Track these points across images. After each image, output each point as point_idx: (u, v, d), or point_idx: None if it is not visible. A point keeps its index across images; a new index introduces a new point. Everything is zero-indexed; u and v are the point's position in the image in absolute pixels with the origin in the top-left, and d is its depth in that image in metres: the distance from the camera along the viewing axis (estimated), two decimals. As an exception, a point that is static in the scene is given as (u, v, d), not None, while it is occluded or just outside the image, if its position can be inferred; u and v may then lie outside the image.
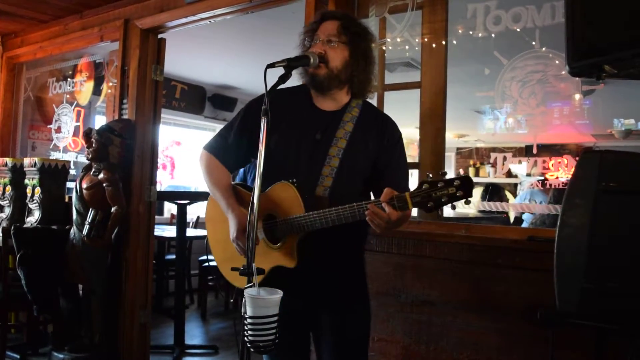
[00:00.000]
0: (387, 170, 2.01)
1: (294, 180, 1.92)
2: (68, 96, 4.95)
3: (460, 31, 2.96)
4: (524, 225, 5.72)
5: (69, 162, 4.68)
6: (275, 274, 1.94)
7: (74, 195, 3.98)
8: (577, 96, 2.65)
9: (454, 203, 1.61)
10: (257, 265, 1.92)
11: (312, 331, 2.14)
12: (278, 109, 2.03)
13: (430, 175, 1.64)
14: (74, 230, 3.95)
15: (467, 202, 1.60)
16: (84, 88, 4.77)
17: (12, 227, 3.98)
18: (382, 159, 2.01)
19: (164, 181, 7.62)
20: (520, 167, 3.22)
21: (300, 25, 3.08)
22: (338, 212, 1.78)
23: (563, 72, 2.56)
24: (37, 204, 4.36)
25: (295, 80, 2.01)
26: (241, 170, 4.33)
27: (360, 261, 2.16)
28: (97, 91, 4.72)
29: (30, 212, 4.44)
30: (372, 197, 2.02)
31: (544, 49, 2.65)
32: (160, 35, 4.29)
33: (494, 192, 6.54)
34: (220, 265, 2.17)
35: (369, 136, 2.02)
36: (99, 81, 4.69)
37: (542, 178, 2.99)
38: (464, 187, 1.59)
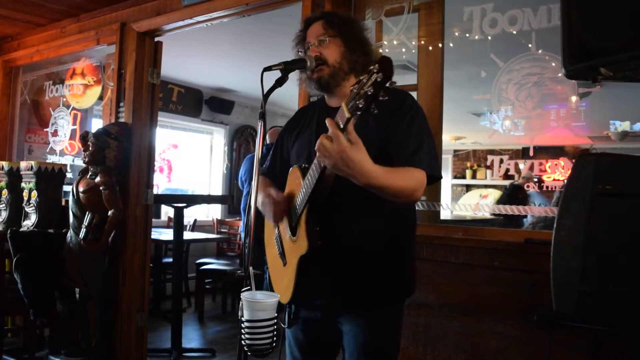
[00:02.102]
0: (393, 141, 1.86)
1: (303, 164, 1.91)
2: (65, 99, 4.95)
3: (456, 34, 2.97)
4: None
5: (65, 165, 4.68)
6: (306, 272, 1.86)
7: (70, 198, 3.97)
8: (574, 98, 2.65)
9: (380, 89, 1.48)
10: (289, 266, 1.93)
11: (340, 344, 2.05)
12: (298, 123, 2.16)
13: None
14: (70, 233, 3.95)
15: (391, 82, 1.47)
16: (90, 92, 4.73)
17: (9, 231, 3.96)
18: (390, 132, 1.88)
19: (161, 184, 7.61)
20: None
21: (297, 28, 3.09)
22: (314, 162, 1.72)
23: (559, 75, 2.56)
24: (33, 208, 4.35)
25: (291, 82, 2.02)
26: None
27: (398, 258, 1.98)
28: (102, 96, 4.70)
29: (26, 215, 4.44)
30: None
31: (540, 51, 2.65)
32: (157, 39, 4.28)
33: (517, 193, 6.51)
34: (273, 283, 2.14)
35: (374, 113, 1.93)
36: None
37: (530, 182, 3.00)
38: (383, 68, 1.46)
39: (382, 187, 1.70)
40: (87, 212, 3.87)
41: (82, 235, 3.81)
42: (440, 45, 2.96)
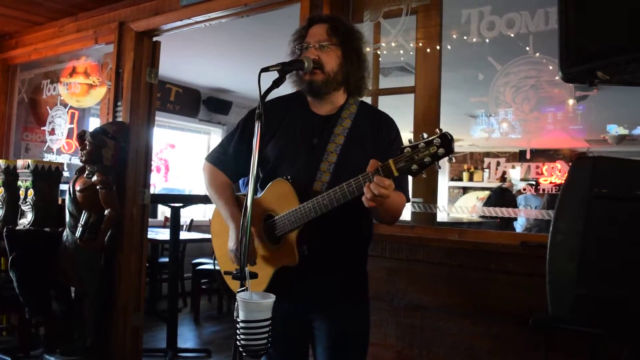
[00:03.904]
0: None
1: (289, 177, 1.93)
2: (62, 98, 4.93)
3: (454, 36, 2.97)
4: (517, 230, 5.74)
5: (62, 164, 4.66)
6: (281, 275, 1.94)
7: (67, 197, 3.97)
8: (571, 102, 2.66)
9: (437, 162, 1.58)
10: (262, 268, 1.96)
11: (310, 340, 2.11)
12: (274, 118, 2.07)
13: (411, 140, 1.61)
14: (67, 232, 3.94)
15: (450, 157, 1.57)
16: (95, 92, 4.66)
17: (5, 229, 3.96)
18: (380, 154, 1.87)
19: (157, 184, 7.61)
20: (514, 172, 3.22)
21: (295, 30, 3.08)
22: (329, 195, 1.76)
23: (556, 78, 2.57)
24: (30, 206, 4.34)
25: (289, 83, 2.02)
26: (241, 182, 4.39)
27: (362, 260, 2.13)
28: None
29: (23, 214, 4.43)
30: None
31: (537, 54, 2.66)
32: (155, 38, 4.28)
33: (502, 196, 6.54)
34: (227, 279, 2.14)
35: (365, 132, 2.01)
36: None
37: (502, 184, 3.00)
38: (444, 144, 1.55)
39: (391, 207, 1.90)
40: (83, 211, 3.86)
41: (78, 234, 3.81)
42: (438, 47, 2.96)
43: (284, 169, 2.00)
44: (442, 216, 3.27)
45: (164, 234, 6.01)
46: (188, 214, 7.13)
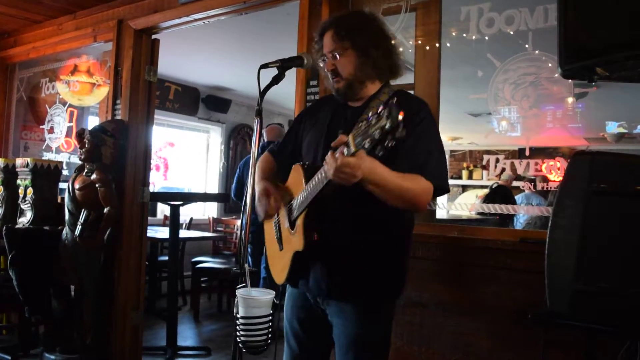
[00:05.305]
0: (403, 149, 1.75)
1: (305, 163, 1.97)
2: (60, 97, 4.93)
3: (453, 33, 2.97)
4: (517, 227, 5.75)
5: (61, 162, 4.66)
6: (299, 264, 1.93)
7: (66, 195, 3.96)
8: (570, 99, 2.66)
9: (388, 138, 1.39)
10: (285, 248, 2.00)
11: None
12: (314, 114, 2.18)
13: (371, 112, 1.49)
14: (66, 230, 3.94)
15: (400, 132, 1.37)
16: (98, 91, 4.63)
17: (4, 228, 3.96)
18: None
19: (157, 182, 7.61)
20: (507, 170, 3.22)
21: (294, 27, 3.08)
22: (321, 170, 1.74)
23: (556, 75, 2.57)
24: (29, 205, 4.34)
25: (288, 81, 2.03)
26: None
27: (385, 255, 1.99)
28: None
29: (22, 212, 4.43)
30: None
31: (536, 51, 2.66)
32: (154, 36, 4.28)
33: (502, 194, 6.55)
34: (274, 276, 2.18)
35: None
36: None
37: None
38: (390, 115, 1.38)
39: (390, 189, 1.74)
40: (82, 210, 3.86)
41: (77, 232, 3.81)
42: (437, 44, 2.96)
43: (307, 159, 2.06)
44: (441, 213, 3.27)
45: (163, 233, 6.01)
46: (187, 212, 7.12)
